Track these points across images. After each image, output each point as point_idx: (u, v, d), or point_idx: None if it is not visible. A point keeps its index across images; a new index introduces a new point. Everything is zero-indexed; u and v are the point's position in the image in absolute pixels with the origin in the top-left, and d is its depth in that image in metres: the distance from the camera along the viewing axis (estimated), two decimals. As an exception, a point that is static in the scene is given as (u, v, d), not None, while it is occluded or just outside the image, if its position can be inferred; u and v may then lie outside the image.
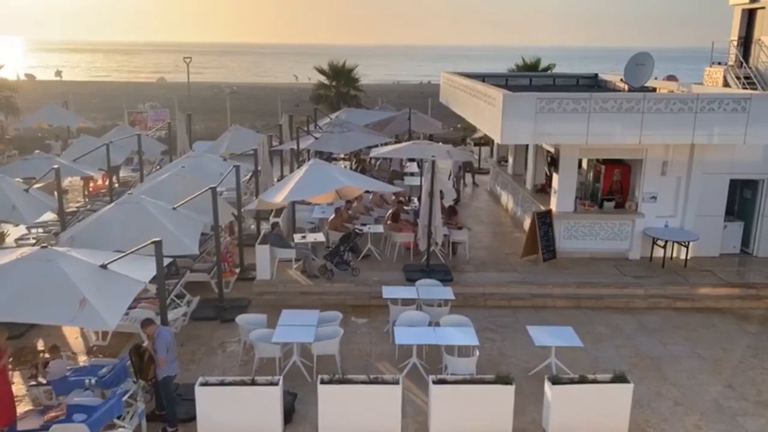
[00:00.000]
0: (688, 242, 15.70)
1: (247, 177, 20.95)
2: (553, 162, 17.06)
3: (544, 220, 15.79)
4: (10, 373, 9.18)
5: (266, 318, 11.91)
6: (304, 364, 11.01)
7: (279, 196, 14.38)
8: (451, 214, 16.84)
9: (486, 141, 28.50)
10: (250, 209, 16.93)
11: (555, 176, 16.59)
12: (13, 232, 18.84)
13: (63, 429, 8.54)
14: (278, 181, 20.14)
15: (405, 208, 17.99)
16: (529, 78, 25.22)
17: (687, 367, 11.69)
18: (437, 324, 11.82)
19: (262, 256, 14.68)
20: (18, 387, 10.78)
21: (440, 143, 21.99)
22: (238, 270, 15.62)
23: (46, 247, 9.33)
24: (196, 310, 13.50)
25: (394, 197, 18.57)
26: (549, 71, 32.93)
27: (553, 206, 16.35)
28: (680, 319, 13.73)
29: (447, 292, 13.08)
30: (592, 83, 24.11)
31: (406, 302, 12.90)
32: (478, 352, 10.78)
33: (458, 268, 15.43)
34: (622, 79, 20.45)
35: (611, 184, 16.78)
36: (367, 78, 41.86)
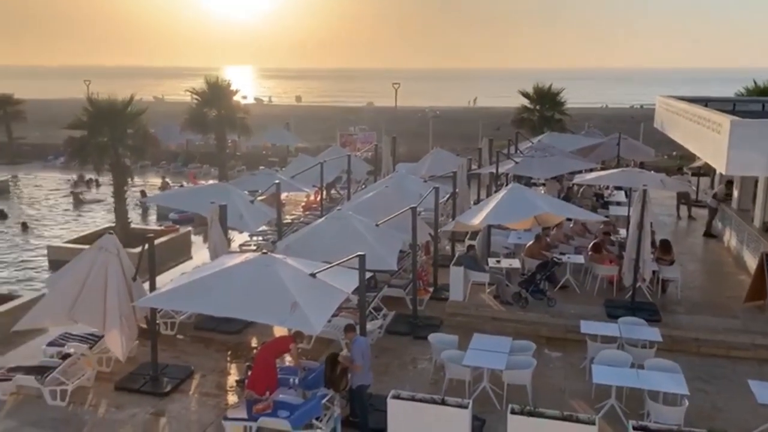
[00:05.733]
0: None
1: (445, 198, 21.30)
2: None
3: (775, 262, 13.88)
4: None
5: (458, 339, 11.91)
6: (493, 391, 10.82)
7: (476, 218, 14.40)
8: (664, 249, 15.50)
9: (706, 171, 25.98)
10: (447, 230, 17.16)
11: (791, 213, 14.57)
12: (238, 238, 21.07)
13: (269, 422, 9.31)
14: (474, 204, 20.23)
15: (611, 238, 16.95)
16: (761, 103, 22.58)
17: None
18: (641, 366, 10.93)
19: (456, 278, 14.74)
20: (234, 377, 12.01)
21: (652, 171, 20.50)
22: (431, 289, 15.87)
23: (266, 253, 10.28)
24: (391, 324, 13.93)
25: (602, 226, 17.53)
26: (786, 95, 29.15)
27: (788, 247, 14.34)
28: None
29: (653, 333, 12.04)
30: (843, 109, 20.91)
31: (606, 339, 12.12)
32: (687, 402, 9.75)
33: (667, 308, 14.14)
34: None
35: None
36: (573, 101, 40.39)
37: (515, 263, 15.58)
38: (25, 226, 25.72)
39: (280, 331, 13.11)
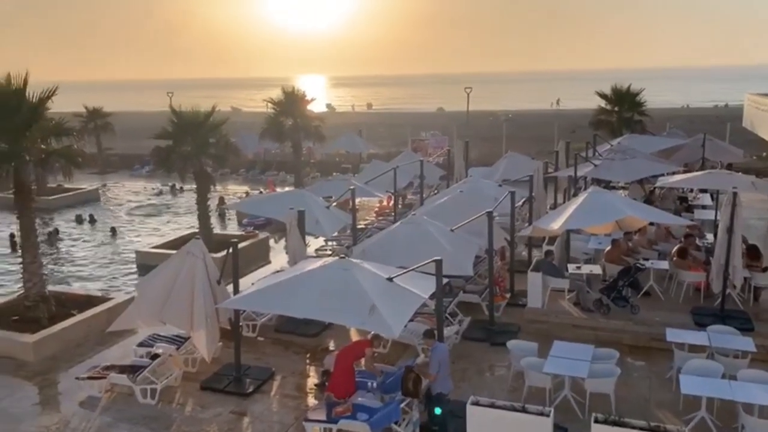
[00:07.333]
0: None
1: (521, 203, 20.98)
2: None
3: None
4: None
5: (537, 346, 11.70)
6: (574, 400, 10.56)
7: (555, 223, 14.11)
8: (753, 255, 14.73)
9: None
10: (523, 235, 16.90)
11: None
12: (313, 243, 21.45)
13: (348, 425, 9.42)
14: (551, 208, 19.83)
15: (698, 243, 16.23)
16: None
17: None
18: (733, 377, 10.42)
19: (534, 284, 14.48)
20: (313, 380, 12.23)
21: (740, 173, 19.52)
22: (508, 295, 15.65)
23: (344, 257, 10.44)
24: (467, 330, 13.83)
25: (687, 229, 16.84)
26: None
27: None
28: None
29: (747, 343, 11.43)
30: None
31: (694, 349, 11.62)
32: (786, 417, 9.22)
33: (761, 317, 13.39)
34: None
35: None
36: (654, 102, 38.97)
37: (596, 269, 15.16)
38: (114, 231, 27.13)
39: (357, 336, 13.27)
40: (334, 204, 18.26)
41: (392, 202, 23.12)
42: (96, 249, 24.92)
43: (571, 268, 15.21)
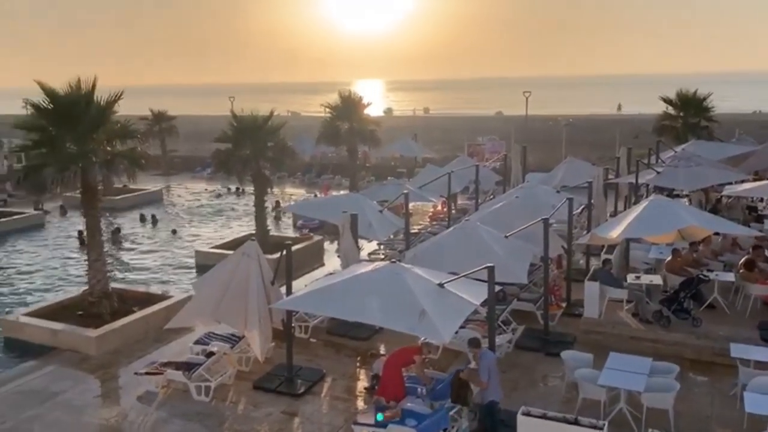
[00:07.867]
0: None
1: (579, 210, 20.49)
2: None
3: None
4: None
5: (592, 358, 11.38)
6: (630, 414, 10.21)
7: (614, 231, 13.74)
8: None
9: None
10: (581, 243, 16.50)
11: None
12: (366, 247, 21.53)
13: (397, 430, 9.38)
14: (611, 216, 19.29)
15: (767, 255, 15.47)
16: None
17: None
18: (803, 398, 9.85)
19: (591, 293, 14.10)
20: (363, 383, 12.26)
21: (816, 182, 18.53)
22: (564, 304, 15.31)
23: (395, 262, 10.43)
24: (521, 339, 13.59)
25: (756, 240, 16.07)
26: None
27: None
28: None
29: (819, 362, 10.82)
30: None
31: (760, 365, 11.04)
32: None
33: (836, 335, 12.67)
34: None
35: None
36: (721, 107, 37.45)
37: (656, 279, 14.64)
38: (174, 232, 27.95)
39: (408, 341, 13.19)
40: (387, 208, 18.27)
41: (446, 207, 22.98)
42: (157, 248, 25.74)
43: (630, 278, 14.73)
